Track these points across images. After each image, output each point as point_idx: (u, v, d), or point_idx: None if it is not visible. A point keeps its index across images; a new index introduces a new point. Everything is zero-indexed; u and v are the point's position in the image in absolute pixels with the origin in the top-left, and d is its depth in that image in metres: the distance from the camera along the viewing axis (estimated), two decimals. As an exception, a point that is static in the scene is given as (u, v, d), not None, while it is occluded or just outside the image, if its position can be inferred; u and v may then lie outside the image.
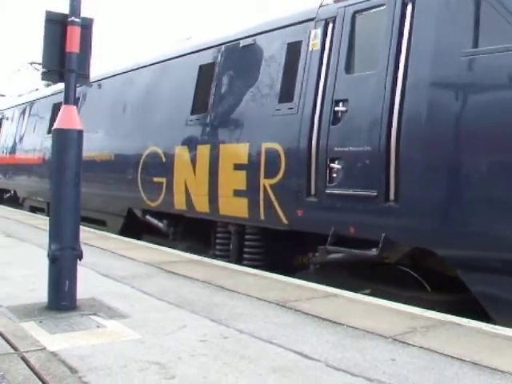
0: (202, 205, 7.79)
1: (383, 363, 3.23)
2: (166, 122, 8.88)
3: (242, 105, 7.43)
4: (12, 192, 16.49)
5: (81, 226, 4.62)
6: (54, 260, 4.25)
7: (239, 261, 7.25)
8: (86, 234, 8.57)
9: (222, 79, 7.87)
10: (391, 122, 5.39)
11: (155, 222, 9.13)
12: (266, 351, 3.41)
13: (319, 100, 6.17)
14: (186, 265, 6.60)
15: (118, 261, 6.77)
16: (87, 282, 5.04)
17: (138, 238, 9.23)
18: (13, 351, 3.30)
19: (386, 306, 4.72)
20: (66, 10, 4.38)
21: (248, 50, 7.52)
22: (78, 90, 11.08)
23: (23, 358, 3.17)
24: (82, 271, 4.70)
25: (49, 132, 12.74)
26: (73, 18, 4.32)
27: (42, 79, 4.52)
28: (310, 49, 6.44)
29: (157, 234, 9.22)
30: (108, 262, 6.62)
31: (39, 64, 15.92)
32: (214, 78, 7.95)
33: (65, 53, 4.34)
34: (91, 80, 11.30)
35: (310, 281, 5.78)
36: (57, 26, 4.39)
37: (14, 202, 16.12)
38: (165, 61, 9.41)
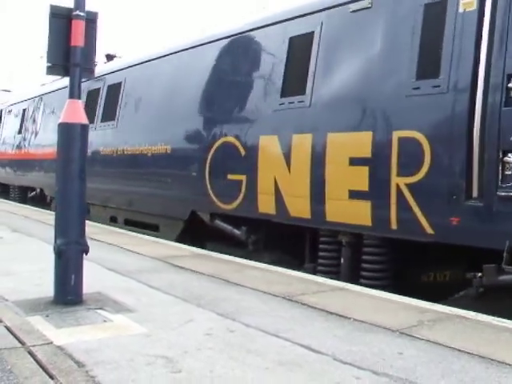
0: (299, 208, 6.30)
1: (390, 357, 3.22)
2: (245, 106, 7.30)
3: (356, 84, 5.92)
4: (38, 190, 14.69)
5: (87, 221, 4.62)
6: (59, 254, 4.26)
7: (353, 279, 5.81)
8: (92, 228, 8.58)
9: (325, 52, 6.31)
10: None
11: (229, 228, 7.54)
12: (272, 345, 3.40)
13: (481, 75, 4.84)
14: (192, 259, 6.60)
15: (125, 255, 6.78)
16: (93, 276, 5.04)
17: (202, 246, 7.86)
18: (20, 345, 3.30)
19: (392, 299, 4.70)
20: (70, 3, 4.38)
21: (362, 14, 6.02)
22: (118, 74, 10.87)
23: (30, 352, 3.17)
24: (88, 266, 4.70)
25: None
26: (77, 11, 4.31)
27: (47, 73, 4.51)
28: (460, 10, 5.12)
29: (228, 241, 7.75)
30: (114, 256, 6.63)
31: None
32: (313, 51, 6.39)
33: (69, 47, 4.33)
34: (138, 61, 10.29)
35: (468, 309, 4.49)
36: (61, 20, 4.38)
37: (40, 201, 14.37)
38: (241, 34, 7.74)
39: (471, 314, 4.21)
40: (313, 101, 6.33)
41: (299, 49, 6.71)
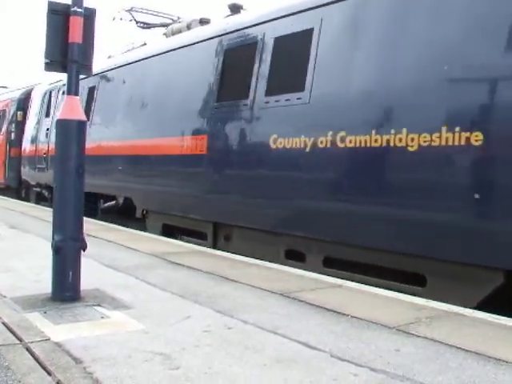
0: None
1: (388, 353, 3.23)
2: None
3: None
4: (120, 200, 10.24)
5: (84, 218, 4.61)
6: (57, 251, 4.26)
7: None
8: (90, 225, 8.58)
9: None
10: None
11: None
12: (270, 342, 3.41)
13: None
14: (189, 256, 6.60)
15: (122, 252, 6.77)
16: (91, 272, 5.05)
17: None
18: (17, 342, 3.30)
19: (390, 296, 4.71)
20: (68, 0, 4.38)
21: None
22: (300, 18, 6.45)
23: (28, 349, 3.17)
24: (86, 262, 4.70)
25: (219, 100, 7.61)
26: (75, 8, 4.31)
27: (45, 70, 4.50)
28: None
29: None
30: (112, 253, 6.63)
31: (139, 11, 13.08)
32: None
33: (67, 43, 4.33)
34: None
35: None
36: (59, 16, 4.37)
37: (123, 215, 10.33)
38: None
39: (468, 312, 4.23)
40: None
41: None
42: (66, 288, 4.29)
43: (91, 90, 11.45)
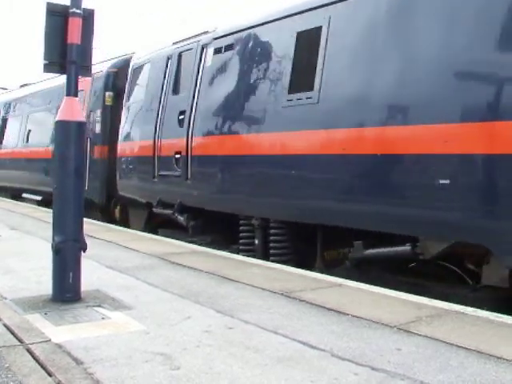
0: None
1: (388, 352, 3.22)
2: None
3: None
4: (432, 249, 5.05)
5: (84, 219, 4.61)
6: (57, 252, 4.26)
7: None
8: (91, 226, 8.58)
9: None
10: None
11: None
12: (271, 341, 3.41)
13: None
14: (190, 256, 6.59)
15: (123, 252, 6.77)
16: (92, 273, 5.05)
17: None
18: (18, 343, 3.30)
19: (390, 295, 4.71)
20: (67, 1, 4.38)
21: None
22: None
23: (28, 350, 3.18)
24: (87, 263, 4.71)
25: None
26: (74, 9, 4.30)
27: (44, 71, 4.51)
28: None
29: None
30: (112, 253, 6.63)
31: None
32: None
33: (66, 44, 4.33)
34: None
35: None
36: (58, 17, 4.37)
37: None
38: None
39: (469, 310, 4.22)
40: None
41: None
42: (66, 289, 4.29)
43: (310, 36, 6.22)
